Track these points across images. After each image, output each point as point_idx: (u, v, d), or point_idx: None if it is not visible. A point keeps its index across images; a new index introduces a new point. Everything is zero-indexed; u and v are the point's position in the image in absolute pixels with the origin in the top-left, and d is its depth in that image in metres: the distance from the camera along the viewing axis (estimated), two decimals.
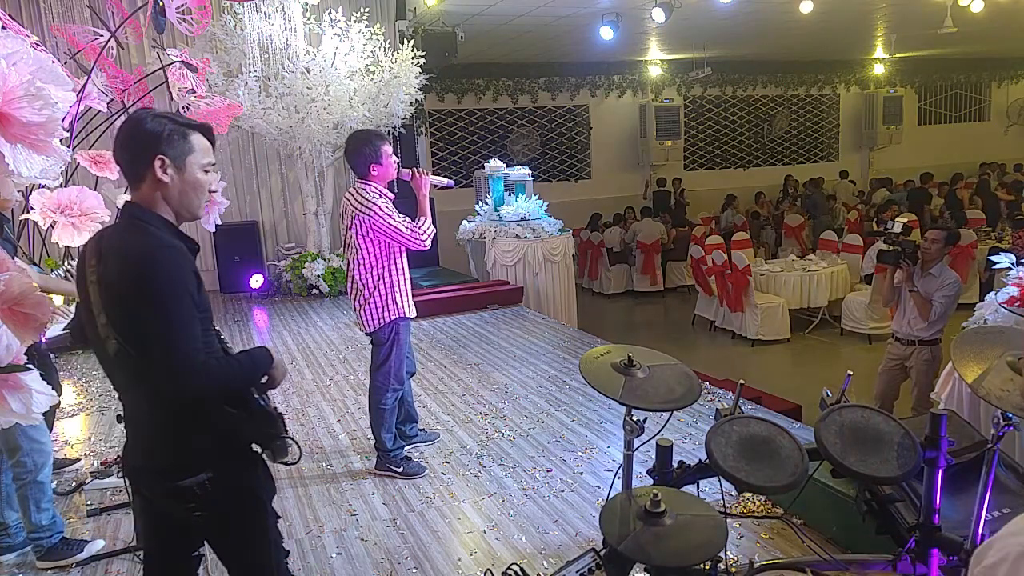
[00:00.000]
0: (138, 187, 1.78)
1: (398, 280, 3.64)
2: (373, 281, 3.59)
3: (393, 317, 3.63)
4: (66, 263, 3.56)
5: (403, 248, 3.63)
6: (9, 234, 3.12)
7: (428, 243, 3.59)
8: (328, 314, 7.53)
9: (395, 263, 3.63)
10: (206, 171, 1.83)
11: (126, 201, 1.81)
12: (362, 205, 3.51)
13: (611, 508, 1.82)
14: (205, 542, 1.96)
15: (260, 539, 1.91)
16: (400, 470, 3.75)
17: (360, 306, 3.65)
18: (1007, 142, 17.33)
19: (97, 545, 3.12)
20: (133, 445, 1.88)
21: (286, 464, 1.85)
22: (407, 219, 3.56)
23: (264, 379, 1.87)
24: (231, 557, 1.92)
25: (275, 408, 1.87)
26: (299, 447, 1.86)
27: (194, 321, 1.70)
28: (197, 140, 1.81)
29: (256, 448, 1.87)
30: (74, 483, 3.79)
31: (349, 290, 3.72)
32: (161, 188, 1.77)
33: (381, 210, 3.49)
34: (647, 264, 11.49)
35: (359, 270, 3.61)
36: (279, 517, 1.99)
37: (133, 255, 1.71)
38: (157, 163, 1.75)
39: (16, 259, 1.72)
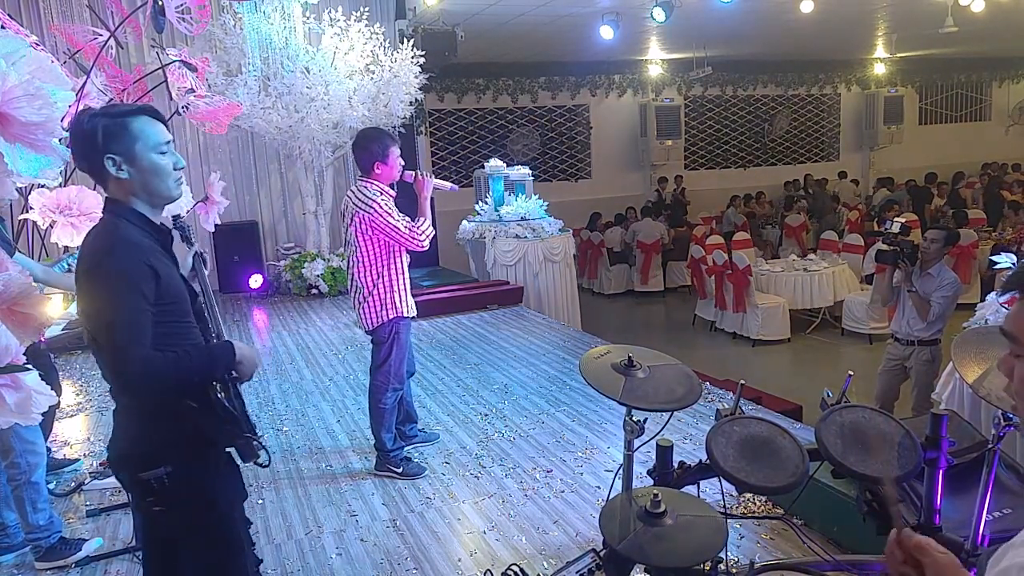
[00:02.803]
0: (106, 187, 1.79)
1: (397, 279, 3.63)
2: (372, 280, 3.59)
3: (392, 316, 3.63)
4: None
5: (402, 248, 3.63)
6: (5, 233, 3.11)
7: (426, 244, 3.58)
8: (328, 314, 7.52)
9: (395, 262, 3.62)
10: (162, 152, 1.78)
11: (106, 196, 1.82)
12: (362, 202, 3.51)
13: (611, 509, 1.81)
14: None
15: (213, 545, 1.85)
16: (400, 471, 3.74)
17: (359, 304, 3.65)
18: (1008, 142, 17.30)
19: (95, 544, 3.12)
20: (111, 435, 1.88)
21: (260, 466, 1.82)
22: (406, 218, 3.55)
23: (230, 373, 1.82)
24: (186, 558, 1.85)
25: (241, 407, 1.81)
26: (267, 452, 1.81)
27: (141, 315, 1.67)
28: (140, 126, 1.75)
29: (228, 449, 1.84)
30: (73, 483, 3.78)
31: (350, 288, 3.72)
32: (124, 184, 1.76)
33: (381, 207, 3.48)
34: (646, 264, 11.48)
35: (358, 268, 3.60)
36: (250, 523, 1.94)
37: (90, 250, 1.73)
38: (109, 163, 1.72)
39: (14, 259, 1.72)
